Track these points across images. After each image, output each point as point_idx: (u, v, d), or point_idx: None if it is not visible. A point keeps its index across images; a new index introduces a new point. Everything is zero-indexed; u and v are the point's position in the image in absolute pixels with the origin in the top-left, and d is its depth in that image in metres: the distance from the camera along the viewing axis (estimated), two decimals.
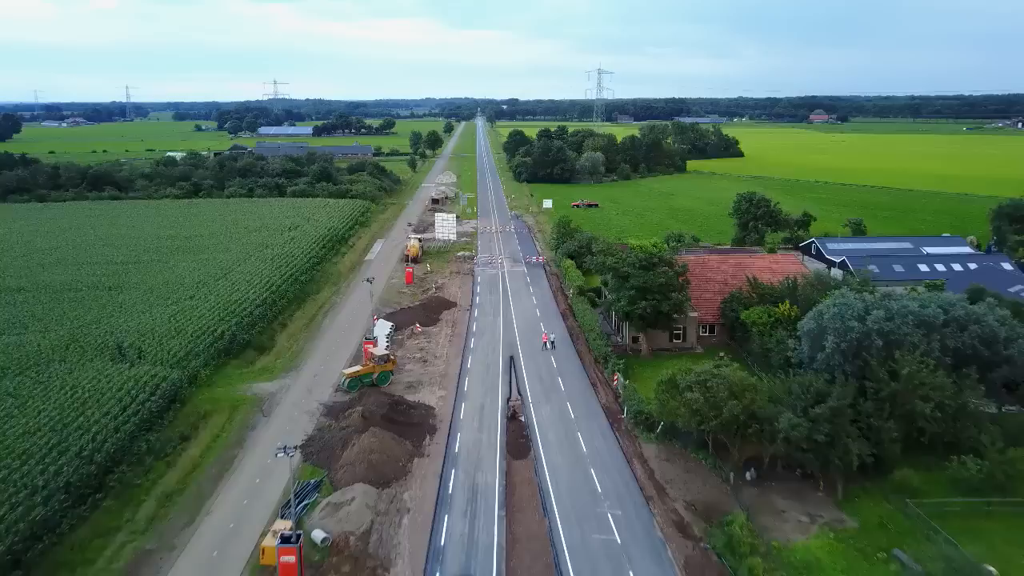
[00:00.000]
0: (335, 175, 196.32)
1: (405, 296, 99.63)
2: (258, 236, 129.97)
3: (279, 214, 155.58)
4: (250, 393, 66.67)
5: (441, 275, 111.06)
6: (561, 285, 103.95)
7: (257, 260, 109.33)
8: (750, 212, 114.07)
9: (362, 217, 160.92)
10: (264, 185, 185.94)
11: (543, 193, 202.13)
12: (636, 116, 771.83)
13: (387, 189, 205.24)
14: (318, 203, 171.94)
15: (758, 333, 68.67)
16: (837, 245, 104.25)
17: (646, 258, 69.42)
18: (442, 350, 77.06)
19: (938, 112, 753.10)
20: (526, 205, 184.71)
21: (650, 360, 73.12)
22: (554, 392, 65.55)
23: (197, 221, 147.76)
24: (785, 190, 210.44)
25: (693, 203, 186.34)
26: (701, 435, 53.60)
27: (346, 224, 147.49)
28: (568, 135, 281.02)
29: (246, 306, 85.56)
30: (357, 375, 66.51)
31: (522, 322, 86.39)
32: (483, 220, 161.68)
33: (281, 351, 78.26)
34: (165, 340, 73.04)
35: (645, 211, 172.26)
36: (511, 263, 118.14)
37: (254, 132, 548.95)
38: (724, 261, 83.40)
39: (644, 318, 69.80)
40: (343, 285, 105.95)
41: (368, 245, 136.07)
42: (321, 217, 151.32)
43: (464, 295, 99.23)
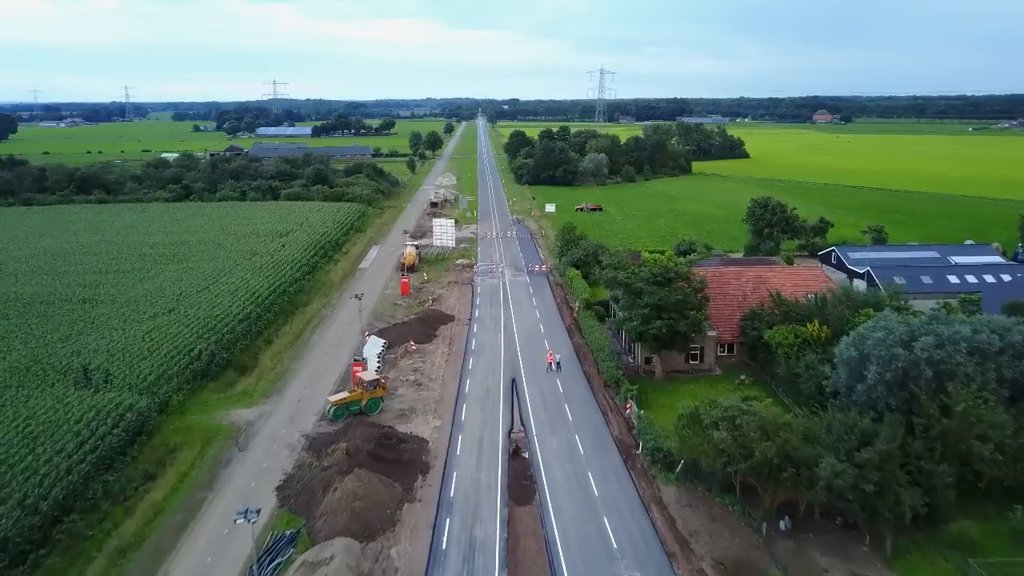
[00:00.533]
0: (331, 177, 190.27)
1: (400, 309, 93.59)
2: (247, 243, 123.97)
3: (271, 219, 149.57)
4: (226, 422, 60.62)
5: (439, 285, 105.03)
6: (566, 296, 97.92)
7: (244, 269, 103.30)
8: (765, 218, 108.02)
9: (358, 221, 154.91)
10: (257, 188, 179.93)
11: (545, 196, 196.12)
12: (638, 116, 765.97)
13: (385, 192, 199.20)
14: (312, 207, 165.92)
15: (784, 356, 62.61)
16: (859, 254, 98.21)
17: (661, 273, 63.31)
18: (438, 371, 70.99)
19: (942, 112, 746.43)
20: (528, 209, 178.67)
21: (664, 383, 67.10)
22: (561, 422, 59.49)
23: (185, 226, 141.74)
24: (794, 193, 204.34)
25: (700, 206, 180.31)
26: (727, 476, 47.55)
27: (341, 229, 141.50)
28: (570, 136, 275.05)
29: (228, 321, 79.51)
30: (344, 403, 60.48)
31: (525, 338, 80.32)
32: (483, 225, 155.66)
33: (264, 372, 72.21)
34: (137, 361, 66.96)
35: (651, 215, 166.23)
36: (513, 272, 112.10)
37: (253, 133, 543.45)
38: (742, 274, 77.29)
39: (659, 339, 63.72)
40: (334, 296, 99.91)
41: (363, 252, 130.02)
42: (315, 222, 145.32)
43: (463, 307, 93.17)
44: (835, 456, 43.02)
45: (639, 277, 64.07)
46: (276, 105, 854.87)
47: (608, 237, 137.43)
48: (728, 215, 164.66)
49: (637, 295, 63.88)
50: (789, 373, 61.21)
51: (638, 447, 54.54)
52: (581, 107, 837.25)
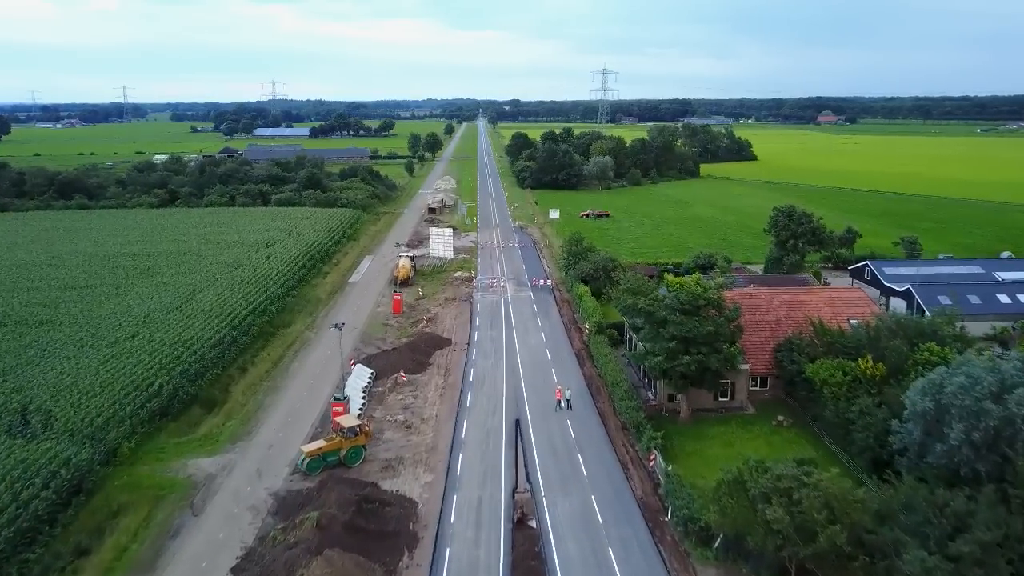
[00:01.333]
0: (324, 181, 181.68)
1: (391, 330, 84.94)
2: (230, 254, 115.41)
3: (259, 226, 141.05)
4: (183, 474, 52.01)
5: (435, 302, 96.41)
6: (574, 316, 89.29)
7: (223, 285, 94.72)
8: (789, 228, 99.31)
9: (351, 229, 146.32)
10: (247, 193, 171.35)
11: (548, 201, 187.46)
12: (640, 117, 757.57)
13: (381, 196, 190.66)
14: (304, 213, 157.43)
15: (831, 396, 53.97)
16: (896, 269, 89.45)
17: (689, 300, 54.65)
18: (431, 409, 62.35)
19: (949, 113, 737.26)
20: (531, 215, 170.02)
21: (690, 424, 58.46)
22: (574, 477, 50.82)
23: (166, 235, 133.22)
24: (809, 198, 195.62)
25: (711, 212, 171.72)
26: (780, 560, 38.96)
27: (332, 238, 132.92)
28: (574, 138, 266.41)
29: (198, 348, 70.90)
30: (319, 453, 51.85)
31: (530, 368, 71.67)
32: (484, 232, 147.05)
33: (234, 408, 63.57)
34: (86, 399, 58.32)
35: (661, 222, 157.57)
36: (515, 287, 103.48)
37: (250, 134, 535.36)
38: (775, 296, 68.65)
39: (687, 376, 55.07)
40: (320, 315, 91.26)
41: (354, 263, 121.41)
42: (305, 229, 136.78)
43: (460, 329, 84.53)
44: (922, 544, 34.45)
45: (663, 304, 55.38)
46: (275, 106, 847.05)
47: (617, 247, 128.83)
48: (742, 222, 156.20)
49: (661, 325, 55.21)
50: (839, 418, 52.59)
51: (667, 513, 45.90)
52: (583, 108, 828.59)
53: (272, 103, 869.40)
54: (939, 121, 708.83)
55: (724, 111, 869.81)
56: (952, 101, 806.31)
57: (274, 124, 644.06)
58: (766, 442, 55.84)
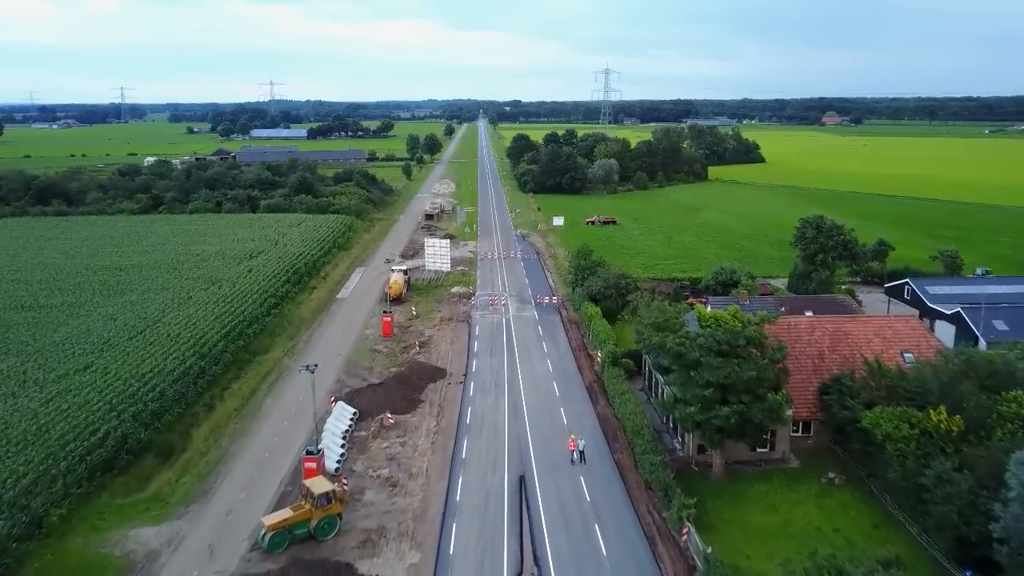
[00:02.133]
0: (316, 186, 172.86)
1: (380, 357, 76.17)
2: (209, 267, 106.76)
3: (244, 235, 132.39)
4: (121, 550, 43.31)
5: (429, 322, 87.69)
6: (583, 339, 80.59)
7: (197, 304, 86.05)
8: (817, 241, 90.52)
9: (342, 238, 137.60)
10: (234, 198, 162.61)
11: (552, 207, 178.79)
12: (642, 118, 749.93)
13: (376, 201, 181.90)
14: (293, 220, 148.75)
15: (897, 454, 45.22)
16: (941, 288, 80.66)
17: (727, 339, 45.91)
18: (421, 461, 53.61)
19: (955, 114, 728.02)
20: (533, 222, 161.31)
21: (725, 481, 49.74)
22: (591, 557, 42.05)
23: (144, 245, 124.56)
24: (824, 203, 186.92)
25: (724, 218, 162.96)
26: None
27: (321, 248, 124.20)
28: (577, 140, 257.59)
29: (158, 382, 62.24)
30: (285, 526, 43.13)
31: (535, 406, 62.94)
32: (484, 241, 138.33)
33: (193, 458, 54.82)
34: (13, 453, 49.68)
35: (672, 229, 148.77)
36: (518, 304, 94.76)
37: (246, 135, 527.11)
38: (816, 325, 59.86)
39: (724, 429, 46.33)
40: (302, 338, 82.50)
41: (344, 276, 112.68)
42: (293, 239, 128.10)
43: (457, 356, 75.77)
44: None
45: (695, 344, 46.60)
46: (274, 107, 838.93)
47: (626, 258, 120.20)
48: (757, 229, 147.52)
49: (693, 368, 46.47)
50: (907, 482, 43.87)
51: None
52: (584, 108, 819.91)
53: (271, 104, 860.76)
54: (945, 122, 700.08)
55: (727, 111, 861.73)
56: (956, 101, 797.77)
57: (272, 125, 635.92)
58: (816, 506, 47.18)
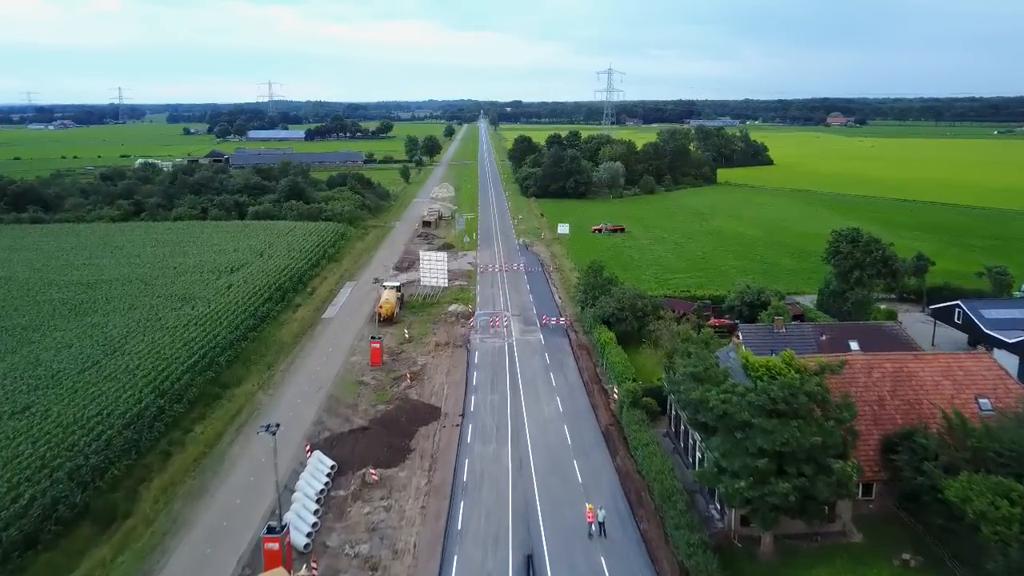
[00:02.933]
0: (308, 191, 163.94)
1: (366, 391, 67.33)
2: (185, 282, 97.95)
3: (228, 245, 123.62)
4: None
5: (423, 347, 78.86)
6: (595, 368, 71.82)
7: (165, 327, 77.23)
8: (853, 257, 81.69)
9: (333, 248, 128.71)
10: (221, 204, 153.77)
11: (556, 212, 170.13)
12: (645, 119, 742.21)
13: (371, 207, 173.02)
14: (282, 228, 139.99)
15: (996, 538, 36.44)
16: (997, 312, 71.80)
17: (784, 396, 37.08)
18: (408, 533, 44.74)
19: (961, 115, 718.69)
20: (537, 229, 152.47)
21: (776, 562, 40.93)
22: None
23: (120, 256, 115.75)
24: (840, 209, 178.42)
25: (737, 225, 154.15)
26: None
27: (309, 260, 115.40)
28: (581, 142, 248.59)
29: (104, 429, 53.42)
30: None
31: (545, 457, 54.07)
32: (484, 252, 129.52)
33: (136, 529, 45.89)
34: None
35: (683, 238, 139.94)
36: (522, 326, 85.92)
37: (243, 136, 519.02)
38: (875, 364, 50.93)
39: (780, 508, 37.48)
40: (280, 368, 73.59)
41: (333, 292, 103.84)
42: (280, 250, 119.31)
43: (453, 390, 66.95)
44: None
45: (744, 401, 37.73)
46: (272, 107, 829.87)
47: (638, 270, 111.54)
48: (773, 238, 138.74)
49: (742, 430, 37.66)
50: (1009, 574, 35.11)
51: None
52: (586, 109, 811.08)
53: (269, 104, 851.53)
54: (952, 123, 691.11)
55: (730, 112, 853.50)
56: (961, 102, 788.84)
57: (270, 126, 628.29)
58: None
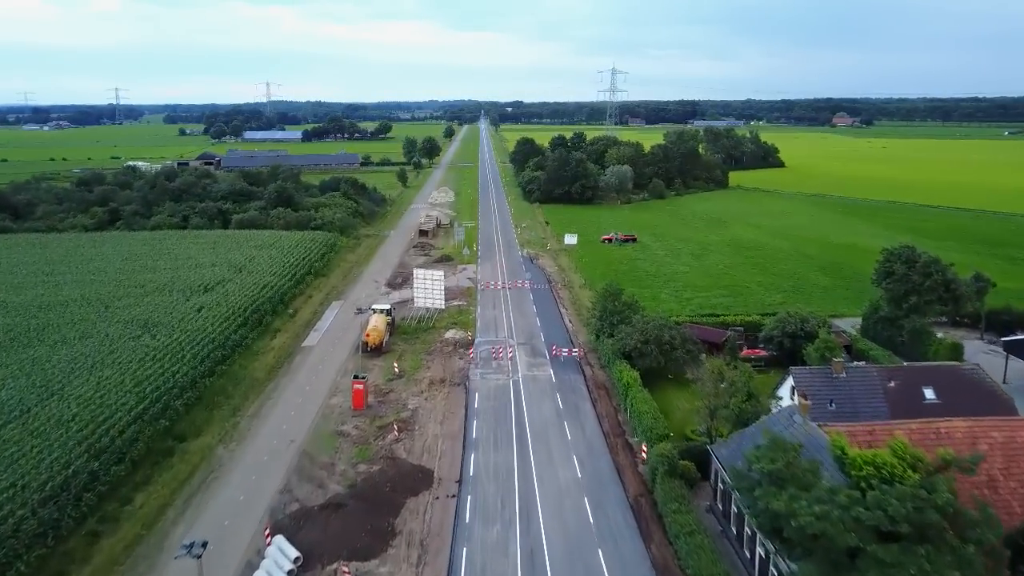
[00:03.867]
0: (297, 197, 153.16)
1: (346, 445, 56.69)
2: (151, 304, 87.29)
3: (206, 258, 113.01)
4: None
5: (414, 386, 68.25)
6: (617, 414, 61.25)
7: (116, 364, 66.65)
8: (909, 280, 71.13)
9: (320, 261, 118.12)
10: (203, 212, 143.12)
11: (561, 220, 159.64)
12: (647, 119, 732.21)
13: (365, 214, 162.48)
14: (267, 238, 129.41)
15: None
16: None
17: (907, 513, 26.44)
18: None
19: (969, 115, 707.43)
20: (542, 239, 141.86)
21: None
22: None
23: (84, 272, 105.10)
24: (859, 214, 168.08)
25: (756, 235, 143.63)
26: None
27: (294, 276, 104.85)
28: (586, 143, 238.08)
29: (15, 507, 42.93)
30: None
31: (562, 546, 43.38)
32: (485, 265, 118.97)
33: None
34: None
35: (700, 249, 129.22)
36: (528, 357, 75.31)
37: (239, 137, 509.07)
38: (981, 434, 40.31)
39: None
40: (247, 412, 62.91)
41: (317, 313, 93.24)
42: (261, 264, 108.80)
43: (449, 445, 56.34)
44: None
45: (850, 517, 27.05)
46: (270, 107, 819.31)
47: (654, 287, 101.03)
48: (797, 249, 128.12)
49: (847, 557, 27.00)
50: None
51: None
52: (588, 109, 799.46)
53: (267, 105, 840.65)
54: (959, 123, 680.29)
55: (733, 112, 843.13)
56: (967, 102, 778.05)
57: (267, 127, 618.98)
58: None
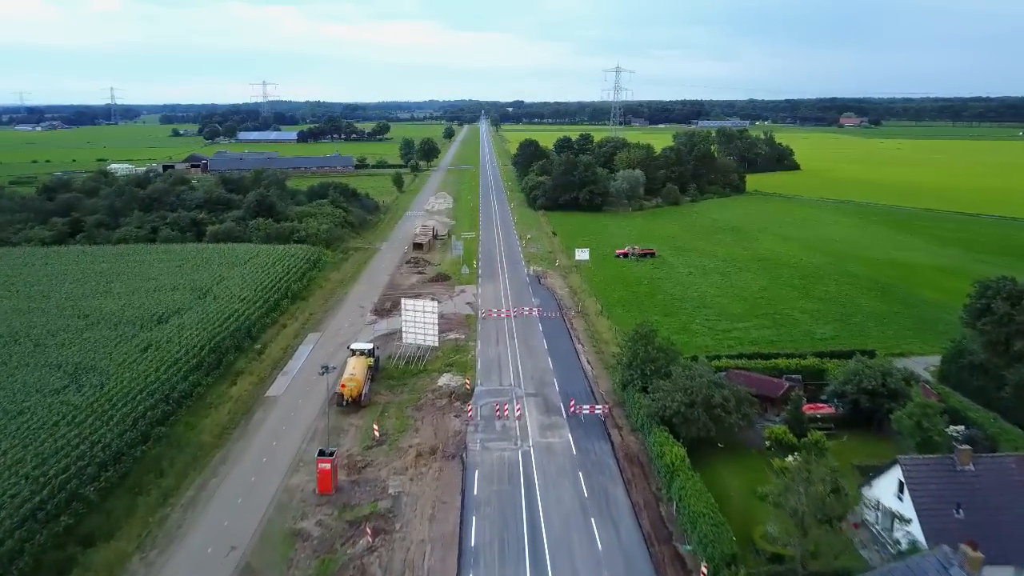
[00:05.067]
0: (280, 206, 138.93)
1: (303, 555, 42.49)
2: (91, 341, 73.10)
3: (168, 280, 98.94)
4: None
5: (397, 458, 54.15)
6: (658, 503, 47.32)
7: (19, 434, 52.64)
8: (1012, 321, 57.26)
9: (301, 281, 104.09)
10: (175, 223, 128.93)
11: (569, 229, 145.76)
12: (651, 119, 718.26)
13: (355, 223, 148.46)
14: (244, 253, 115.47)
15: None
16: None
17: None
18: None
19: (980, 115, 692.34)
20: (549, 253, 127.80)
21: None
22: None
23: (21, 299, 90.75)
24: (894, 224, 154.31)
25: (788, 248, 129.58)
26: None
27: (267, 301, 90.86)
28: (594, 146, 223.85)
29: None
30: None
31: None
32: (487, 286, 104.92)
33: None
34: None
35: (728, 265, 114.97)
36: (541, 415, 61.21)
37: (232, 138, 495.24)
38: None
39: None
40: (180, 501, 48.68)
41: (289, 350, 78.93)
42: (231, 286, 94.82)
43: (438, 560, 42.26)
44: None
45: None
46: (268, 108, 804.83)
47: (681, 312, 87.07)
48: (837, 266, 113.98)
49: None
50: None
51: None
52: (591, 109, 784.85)
53: (264, 105, 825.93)
54: (970, 123, 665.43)
55: (737, 112, 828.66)
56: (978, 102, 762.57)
57: (264, 126, 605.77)
58: None
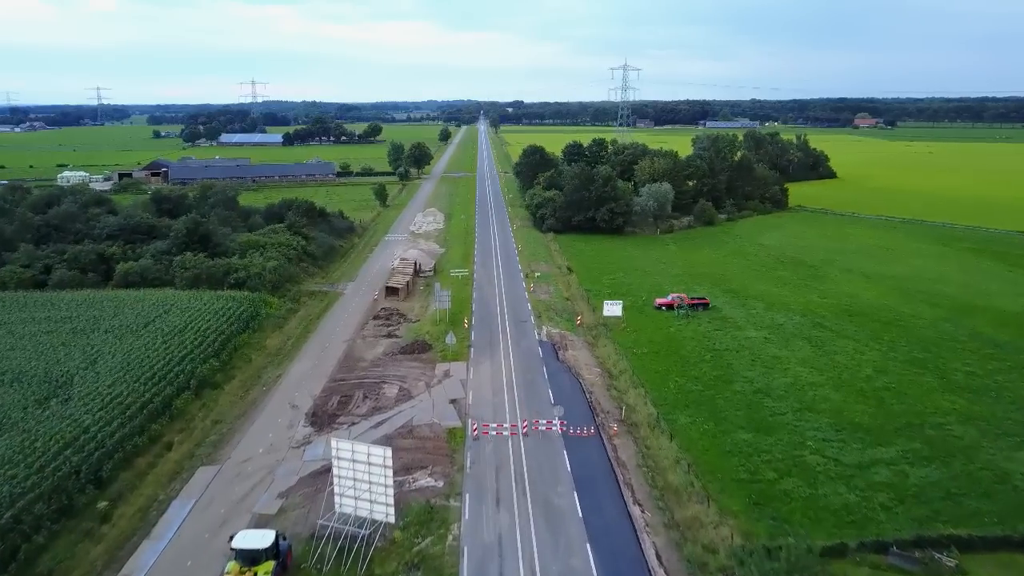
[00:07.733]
0: (217, 236, 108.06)
1: None
2: None
3: (17, 361, 68.34)
4: None
5: None
6: None
7: None
8: None
9: (219, 356, 72.91)
10: (76, 260, 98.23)
11: (588, 261, 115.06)
12: (656, 120, 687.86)
13: (317, 255, 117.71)
14: (155, 305, 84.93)
15: None
16: None
17: None
18: None
19: (1002, 116, 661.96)
20: (566, 302, 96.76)
21: None
22: None
23: None
24: (992, 253, 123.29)
25: (872, 292, 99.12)
26: None
27: (152, 399, 60.06)
28: (609, 153, 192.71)
29: None
30: None
31: None
32: (481, 366, 73.81)
33: None
34: None
35: (809, 322, 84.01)
36: None
37: (215, 140, 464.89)
38: None
39: None
40: None
41: (157, 505, 48.00)
42: (108, 370, 64.15)
43: None
44: None
45: None
46: (257, 108, 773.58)
47: (780, 427, 56.06)
48: (964, 323, 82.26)
49: None
50: None
51: None
52: (593, 109, 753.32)
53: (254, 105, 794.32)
54: (992, 125, 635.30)
55: (744, 112, 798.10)
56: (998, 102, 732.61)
57: (251, 127, 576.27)
58: None
